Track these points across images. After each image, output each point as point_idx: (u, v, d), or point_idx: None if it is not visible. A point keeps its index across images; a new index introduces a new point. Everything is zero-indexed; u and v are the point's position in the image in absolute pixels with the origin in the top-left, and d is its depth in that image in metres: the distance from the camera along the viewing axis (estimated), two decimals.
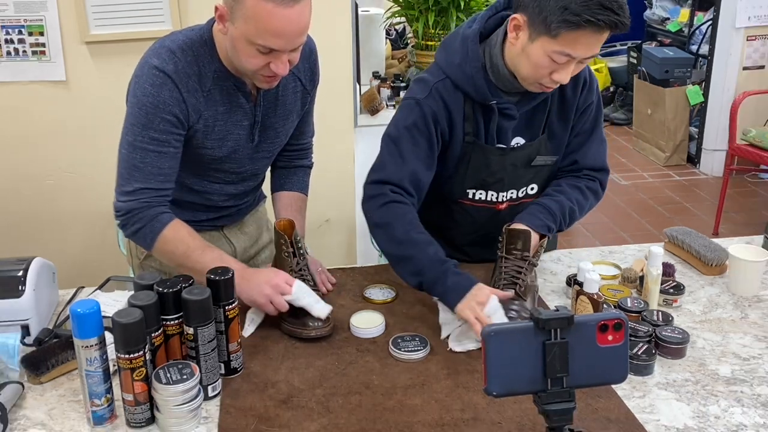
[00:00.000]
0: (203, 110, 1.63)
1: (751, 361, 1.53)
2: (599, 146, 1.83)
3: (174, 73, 1.57)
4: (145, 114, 1.57)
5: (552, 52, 1.51)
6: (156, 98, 1.56)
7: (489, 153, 1.73)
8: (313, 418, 1.35)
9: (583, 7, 1.44)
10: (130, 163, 1.60)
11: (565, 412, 1.08)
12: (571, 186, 1.80)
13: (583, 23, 1.45)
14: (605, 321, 1.08)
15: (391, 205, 1.67)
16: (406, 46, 3.85)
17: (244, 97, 1.67)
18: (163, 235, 1.61)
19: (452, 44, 1.69)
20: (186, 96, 1.59)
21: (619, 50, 6.91)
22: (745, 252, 1.77)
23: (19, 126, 2.76)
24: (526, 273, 1.64)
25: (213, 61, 1.61)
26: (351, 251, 3.12)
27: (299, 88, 1.78)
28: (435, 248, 1.63)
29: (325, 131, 2.33)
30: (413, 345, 1.55)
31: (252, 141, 1.74)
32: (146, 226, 1.61)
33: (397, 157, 1.69)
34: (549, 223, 1.71)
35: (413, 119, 1.68)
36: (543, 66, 1.54)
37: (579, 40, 1.49)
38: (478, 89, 1.65)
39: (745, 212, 4.66)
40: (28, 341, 1.54)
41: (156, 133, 1.58)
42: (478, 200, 1.81)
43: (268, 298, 1.57)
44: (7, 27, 2.63)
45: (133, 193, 1.60)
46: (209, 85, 1.62)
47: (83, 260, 2.88)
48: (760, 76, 4.99)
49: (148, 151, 1.59)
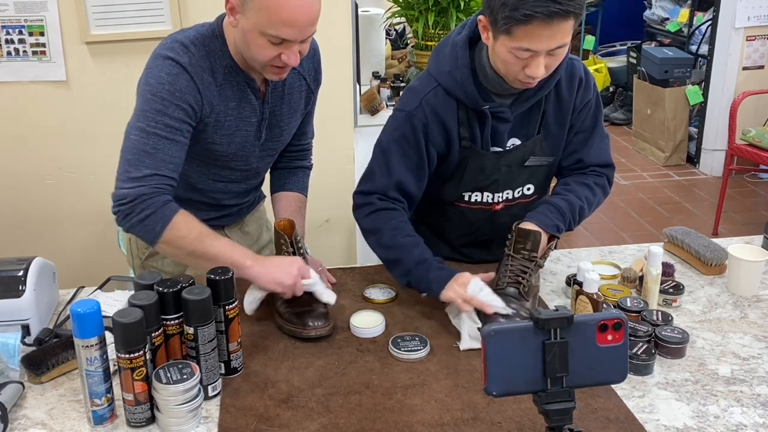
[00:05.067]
0: (216, 104, 1.63)
1: (751, 360, 1.53)
2: (602, 142, 1.84)
3: (189, 65, 1.57)
4: (161, 100, 1.54)
5: (512, 48, 1.51)
6: (173, 86, 1.55)
7: (484, 157, 1.73)
8: (313, 418, 1.35)
9: (521, 1, 1.44)
10: (140, 149, 1.54)
11: (565, 412, 1.08)
12: (579, 183, 1.80)
13: (522, 18, 1.45)
14: (605, 321, 1.08)
15: (379, 213, 1.71)
16: (406, 46, 3.85)
17: (253, 93, 1.68)
18: (175, 220, 1.54)
19: (443, 51, 1.70)
20: (201, 87, 1.59)
21: (618, 50, 6.91)
22: (745, 252, 1.77)
23: (19, 126, 2.76)
24: (531, 274, 1.65)
25: (224, 56, 1.62)
26: (351, 251, 3.12)
27: (304, 87, 1.79)
28: (420, 249, 1.67)
29: (325, 131, 2.33)
30: (413, 345, 1.55)
31: (259, 139, 1.74)
32: (157, 212, 1.53)
33: (384, 169, 1.72)
34: (558, 223, 1.71)
35: (402, 131, 1.70)
36: (511, 63, 1.55)
37: (532, 33, 1.47)
38: (469, 95, 1.66)
39: (744, 212, 4.67)
40: (28, 341, 1.54)
41: (171, 120, 1.55)
42: (474, 202, 1.81)
43: (295, 278, 1.56)
44: (8, 27, 2.63)
45: (143, 179, 1.53)
46: (221, 79, 1.62)
47: (83, 260, 2.88)
48: (759, 76, 4.99)
49: (161, 137, 1.55)
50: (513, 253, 1.66)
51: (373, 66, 3.36)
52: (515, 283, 1.63)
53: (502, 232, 1.87)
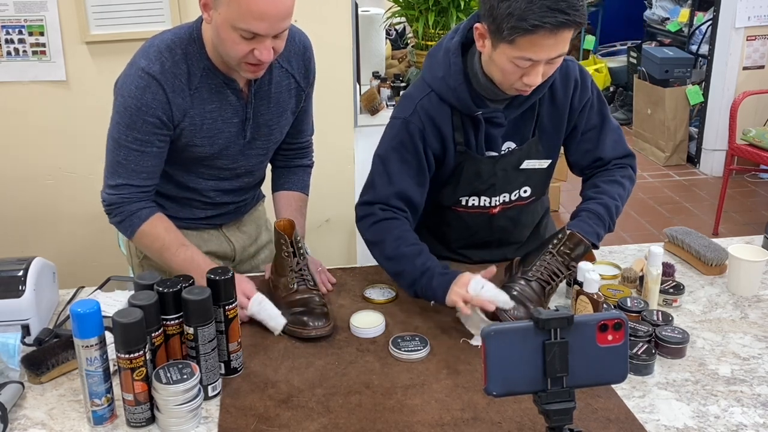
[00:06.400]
0: (189, 108, 1.64)
1: (751, 360, 1.53)
2: (615, 134, 1.83)
3: (160, 74, 1.59)
4: (129, 115, 1.61)
5: (513, 58, 1.50)
6: (139, 101, 1.59)
7: (480, 162, 1.73)
8: (313, 418, 1.35)
9: (528, 11, 1.43)
10: (114, 159, 1.67)
11: (565, 412, 1.08)
12: (608, 182, 1.79)
13: (530, 28, 1.44)
14: (605, 321, 1.08)
15: (382, 224, 1.70)
16: (406, 46, 3.85)
17: (234, 94, 1.68)
18: (141, 230, 1.69)
19: (436, 56, 1.70)
20: (171, 96, 1.61)
21: (619, 50, 6.91)
22: (745, 252, 1.77)
23: (19, 126, 2.76)
24: (562, 279, 1.65)
25: (202, 58, 1.63)
26: (351, 251, 3.12)
27: (293, 86, 1.78)
28: (422, 258, 1.65)
29: (325, 131, 2.33)
30: (413, 345, 1.55)
31: (243, 138, 1.74)
32: (126, 220, 1.69)
33: (384, 177, 1.71)
34: (599, 230, 1.70)
35: (400, 139, 1.69)
36: (509, 72, 1.54)
37: (536, 43, 1.47)
38: (462, 101, 1.65)
39: (745, 212, 4.67)
40: (28, 341, 1.54)
41: (139, 134, 1.62)
42: (471, 206, 1.81)
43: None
44: (8, 27, 2.63)
45: (117, 188, 1.68)
46: (197, 82, 1.64)
47: (83, 260, 2.88)
48: (760, 76, 4.99)
49: (132, 150, 1.64)
50: (556, 252, 1.65)
51: (373, 66, 3.36)
52: (544, 281, 1.63)
53: (500, 235, 1.88)
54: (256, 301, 1.62)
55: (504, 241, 1.90)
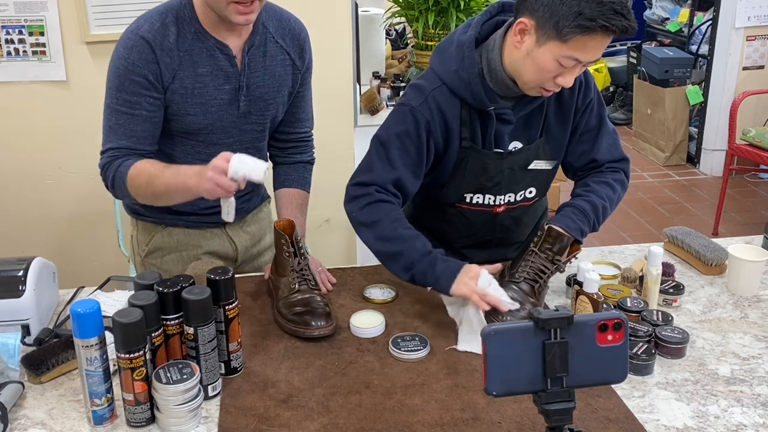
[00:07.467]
0: (178, 69, 1.66)
1: (751, 360, 1.53)
2: (611, 138, 1.83)
3: (148, 33, 1.63)
4: (118, 77, 1.65)
5: (561, 56, 1.51)
6: (127, 60, 1.63)
7: (486, 158, 1.73)
8: (313, 418, 1.35)
9: (598, 12, 1.45)
10: (107, 126, 1.70)
11: (565, 412, 1.08)
12: (599, 183, 1.80)
13: (598, 28, 1.45)
14: (605, 321, 1.08)
15: (378, 204, 1.68)
16: (406, 46, 3.85)
17: (227, 60, 1.70)
18: (130, 175, 1.65)
19: (447, 50, 1.69)
20: (159, 54, 1.64)
21: (618, 50, 6.90)
22: (745, 252, 1.77)
23: (19, 126, 2.76)
24: (550, 275, 1.65)
25: (193, 22, 1.67)
26: (351, 251, 3.12)
27: (288, 62, 1.79)
28: (422, 241, 1.64)
29: (325, 131, 2.33)
30: (413, 345, 1.55)
31: (237, 108, 1.74)
32: (115, 174, 1.67)
33: (385, 162, 1.70)
34: (584, 226, 1.71)
35: (405, 126, 1.68)
36: (549, 70, 1.54)
37: (589, 44, 1.49)
38: (475, 96, 1.65)
39: (744, 212, 4.67)
40: (28, 341, 1.54)
41: (127, 95, 1.65)
42: (476, 204, 1.80)
43: (212, 180, 1.50)
44: (8, 27, 2.64)
45: (107, 152, 1.69)
46: (187, 45, 1.66)
47: (83, 260, 2.88)
48: (759, 76, 4.99)
49: (121, 113, 1.66)
50: (538, 250, 1.66)
51: (373, 66, 3.36)
52: (531, 280, 1.64)
53: (502, 234, 1.87)
54: (236, 159, 1.50)
55: (505, 241, 1.90)
